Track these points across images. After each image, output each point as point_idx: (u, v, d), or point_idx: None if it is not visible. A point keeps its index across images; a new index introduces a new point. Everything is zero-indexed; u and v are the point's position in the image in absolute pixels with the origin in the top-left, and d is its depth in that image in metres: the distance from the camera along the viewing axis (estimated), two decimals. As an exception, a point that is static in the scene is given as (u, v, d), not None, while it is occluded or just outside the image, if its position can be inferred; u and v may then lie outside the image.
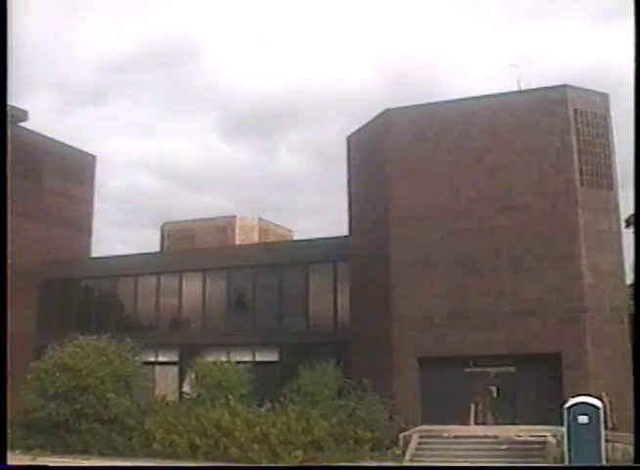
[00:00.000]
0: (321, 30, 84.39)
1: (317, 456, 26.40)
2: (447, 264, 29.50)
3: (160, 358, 36.92)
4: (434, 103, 31.04)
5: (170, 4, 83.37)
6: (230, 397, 29.84)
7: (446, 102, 30.87)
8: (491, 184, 29.47)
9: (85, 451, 29.04)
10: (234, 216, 51.95)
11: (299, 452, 26.38)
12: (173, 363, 37.91)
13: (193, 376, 32.74)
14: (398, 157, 30.83)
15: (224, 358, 33.80)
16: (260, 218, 52.82)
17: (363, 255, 32.35)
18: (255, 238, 51.42)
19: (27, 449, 29.55)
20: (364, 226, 32.49)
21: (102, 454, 28.78)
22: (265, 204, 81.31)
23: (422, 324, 29.47)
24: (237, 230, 51.46)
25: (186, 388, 37.32)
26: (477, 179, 29.68)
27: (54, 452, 29.32)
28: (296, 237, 52.44)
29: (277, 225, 54.59)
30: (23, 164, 41.14)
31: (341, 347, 32.97)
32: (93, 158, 45.84)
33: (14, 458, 27.71)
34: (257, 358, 35.56)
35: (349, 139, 34.11)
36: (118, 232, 79.56)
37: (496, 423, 28.76)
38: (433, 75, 79.22)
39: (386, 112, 31.44)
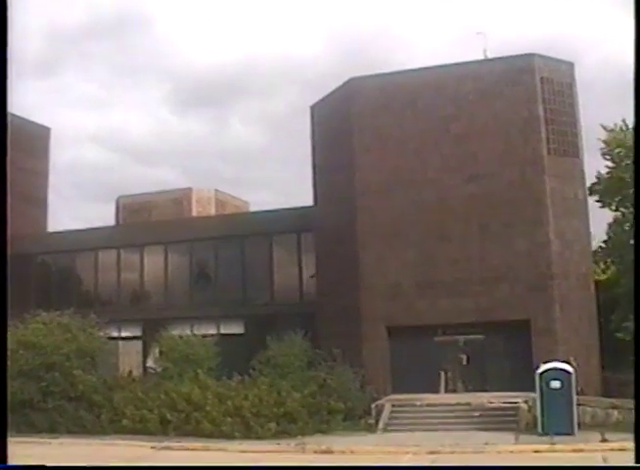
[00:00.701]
0: (273, 0, 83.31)
1: (290, 428, 26.28)
2: (415, 233, 29.51)
3: (123, 333, 36.33)
4: (400, 71, 30.84)
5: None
6: (199, 371, 29.54)
7: (411, 70, 30.69)
8: (458, 153, 29.46)
9: (52, 430, 28.49)
10: (190, 189, 51.11)
11: (272, 425, 26.25)
12: (136, 338, 37.45)
13: (158, 350, 32.34)
14: (364, 126, 30.61)
15: (188, 332, 33.47)
16: (217, 190, 52.04)
17: (329, 225, 32.18)
18: (212, 210, 50.69)
19: (-10, 430, 28.98)
20: (329, 196, 32.29)
21: (70, 432, 28.26)
22: (218, 176, 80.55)
23: (390, 293, 29.50)
24: (193, 202, 50.67)
25: (150, 362, 36.96)
26: (443, 148, 29.66)
27: (19, 432, 28.65)
28: (252, 209, 51.95)
29: (233, 197, 53.92)
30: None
31: (307, 318, 32.82)
32: (47, 130, 44.58)
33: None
34: (222, 331, 35.19)
35: (313, 108, 33.74)
36: (69, 206, 77.91)
37: (467, 391, 29.01)
38: (386, 45, 78.83)
39: (350, 81, 31.14)
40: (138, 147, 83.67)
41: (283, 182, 77.91)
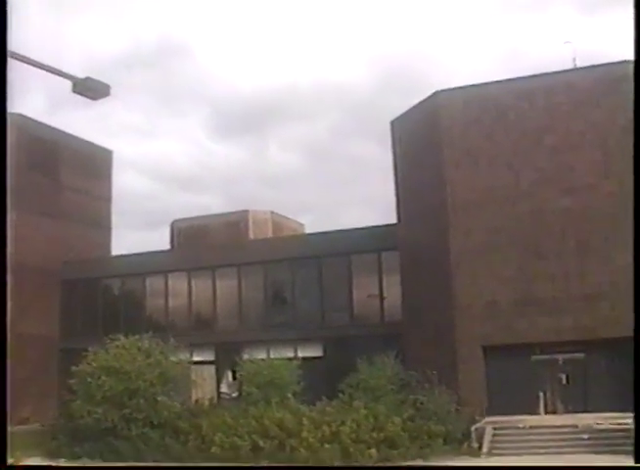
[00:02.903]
0: (310, 27, 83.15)
1: (391, 454, 25.20)
2: (510, 249, 28.47)
3: (196, 358, 35.20)
4: (487, 83, 29.95)
5: (161, 3, 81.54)
6: (289, 395, 28.60)
7: (499, 82, 29.79)
8: (553, 165, 28.48)
9: (137, 458, 27.60)
10: (247, 211, 50.29)
11: (373, 451, 25.19)
12: (209, 362, 36.48)
13: (239, 374, 31.34)
14: (453, 140, 29.74)
15: (264, 356, 32.53)
16: (272, 212, 51.30)
17: (416, 243, 31.18)
18: (269, 232, 49.90)
19: (74, 458, 28.11)
20: (415, 213, 31.34)
21: (156, 461, 27.37)
22: (259, 201, 79.92)
23: (486, 312, 28.45)
24: (250, 225, 49.88)
25: (224, 388, 36.08)
26: (537, 161, 28.69)
27: (104, 460, 27.86)
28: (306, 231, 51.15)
29: (288, 219, 53.13)
30: (41, 159, 39.53)
31: (390, 339, 31.82)
32: (109, 153, 44.11)
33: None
34: (300, 354, 34.04)
35: (393, 124, 32.91)
36: (114, 234, 77.16)
37: (567, 412, 27.89)
38: (424, 69, 78.30)
39: (435, 94, 30.30)
40: (179, 174, 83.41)
41: (324, 206, 77.25)
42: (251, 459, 26.18)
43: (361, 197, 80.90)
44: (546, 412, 28.11)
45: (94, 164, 42.69)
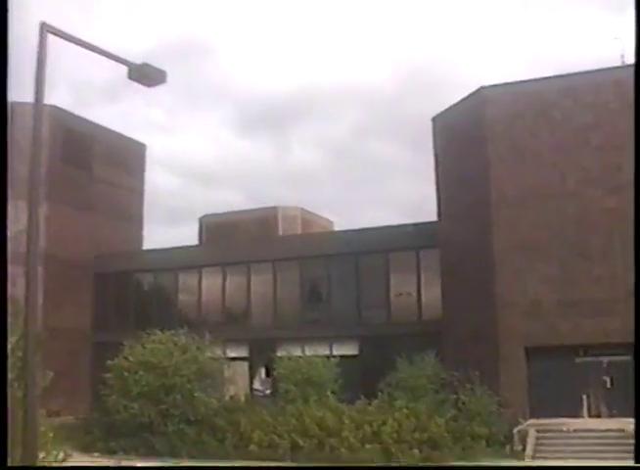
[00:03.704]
0: (334, 26, 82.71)
1: (433, 455, 24.82)
2: (555, 248, 27.96)
3: (229, 354, 34.81)
4: (532, 80, 29.42)
5: (186, 2, 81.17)
6: (329, 394, 28.27)
7: (546, 79, 29.27)
8: (599, 164, 27.94)
9: (173, 454, 27.37)
10: (276, 207, 49.99)
11: (415, 452, 24.80)
12: (242, 359, 36.13)
13: (276, 372, 30.96)
14: (497, 135, 29.25)
15: (298, 353, 32.13)
16: (302, 209, 50.93)
17: (457, 239, 30.71)
18: (299, 229, 49.56)
19: (109, 452, 27.86)
20: (457, 209, 30.86)
21: (191, 457, 27.12)
22: (280, 198, 79.51)
23: (530, 311, 27.93)
24: (279, 221, 49.57)
25: (257, 384, 35.75)
26: (583, 159, 28.14)
27: (139, 455, 27.60)
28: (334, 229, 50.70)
29: (318, 216, 52.74)
30: (74, 151, 39.30)
31: (428, 337, 31.41)
32: (143, 146, 43.82)
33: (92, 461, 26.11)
34: (335, 352, 33.59)
35: (435, 120, 32.46)
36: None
37: (611, 416, 27.32)
38: (448, 68, 77.85)
39: (480, 89, 29.82)
40: (201, 171, 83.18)
41: (345, 204, 76.80)
42: (289, 458, 25.91)
43: (381, 196, 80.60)
44: (590, 416, 27.58)
45: (127, 157, 42.46)
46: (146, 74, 13.28)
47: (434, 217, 32.90)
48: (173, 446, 27.71)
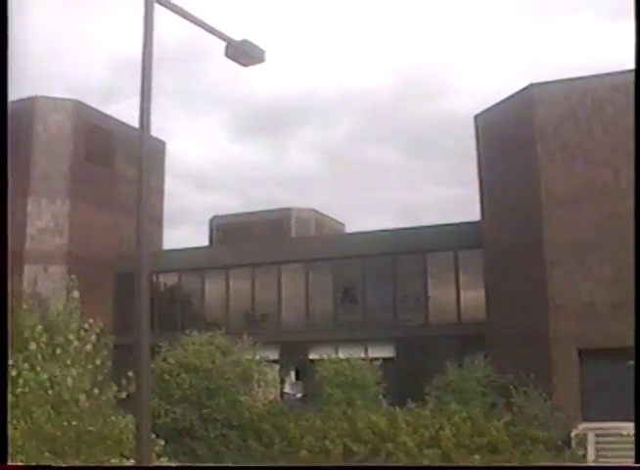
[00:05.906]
0: (331, 31, 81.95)
1: (494, 460, 24.11)
2: (609, 248, 27.29)
3: (258, 356, 33.88)
4: (583, 77, 28.84)
5: (181, 4, 79.91)
6: (380, 396, 27.61)
7: (597, 76, 28.68)
8: (655, 162, 27.36)
9: (216, 460, 26.42)
10: (289, 209, 49.30)
11: (477, 457, 24.12)
12: (272, 361, 35.19)
13: (319, 375, 30.06)
14: (547, 134, 28.65)
15: (332, 356, 31.28)
16: (315, 211, 50.21)
17: (504, 240, 30.00)
18: (312, 231, 48.89)
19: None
20: (503, 209, 30.20)
21: (236, 464, 26.20)
22: (276, 203, 78.67)
23: (583, 313, 27.32)
24: (293, 222, 48.91)
25: (287, 388, 34.89)
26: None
27: (180, 462, 26.59)
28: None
29: (329, 218, 52.06)
30: (96, 148, 38.22)
31: (467, 340, 30.88)
32: (162, 144, 42.67)
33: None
34: (370, 355, 32.68)
35: (477, 118, 31.81)
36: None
37: (668, 420, 26.76)
38: (443, 74, 77.57)
39: (529, 87, 29.19)
40: (197, 174, 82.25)
41: (343, 208, 76.15)
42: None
43: (378, 201, 79.96)
44: (646, 420, 27.01)
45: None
46: (244, 52, 12.42)
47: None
48: (216, 452, 26.80)
